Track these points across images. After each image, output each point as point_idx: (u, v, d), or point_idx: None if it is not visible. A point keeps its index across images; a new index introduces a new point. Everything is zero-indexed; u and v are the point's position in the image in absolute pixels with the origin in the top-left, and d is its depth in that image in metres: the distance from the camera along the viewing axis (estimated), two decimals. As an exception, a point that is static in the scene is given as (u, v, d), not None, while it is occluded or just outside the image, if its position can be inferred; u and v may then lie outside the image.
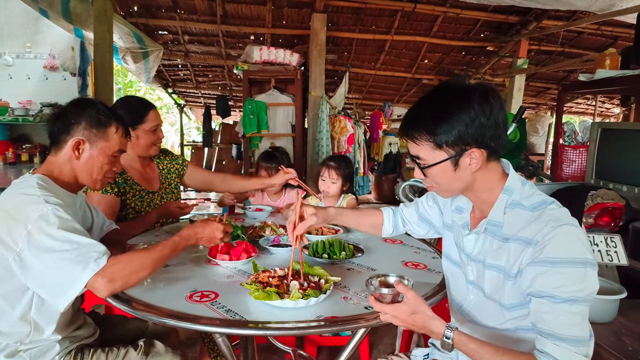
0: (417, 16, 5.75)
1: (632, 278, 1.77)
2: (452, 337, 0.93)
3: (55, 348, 1.21)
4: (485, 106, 0.93)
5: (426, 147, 0.98)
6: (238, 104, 9.03)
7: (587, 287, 0.88)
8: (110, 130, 1.30)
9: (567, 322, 0.88)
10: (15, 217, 1.09)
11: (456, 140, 0.95)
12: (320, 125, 4.95)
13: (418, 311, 0.95)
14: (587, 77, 2.79)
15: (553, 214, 0.94)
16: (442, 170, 0.99)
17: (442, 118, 0.95)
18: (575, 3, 3.91)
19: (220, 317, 1.04)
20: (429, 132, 0.97)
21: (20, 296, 1.15)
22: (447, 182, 1.02)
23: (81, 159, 1.27)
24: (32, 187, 1.15)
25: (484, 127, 0.94)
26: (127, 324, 1.54)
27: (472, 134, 0.94)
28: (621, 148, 2.39)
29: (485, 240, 1.05)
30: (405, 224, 1.38)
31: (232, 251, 1.41)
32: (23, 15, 4.86)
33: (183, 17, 5.84)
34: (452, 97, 0.96)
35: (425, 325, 0.95)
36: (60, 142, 1.27)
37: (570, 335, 0.88)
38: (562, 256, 0.88)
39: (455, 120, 0.94)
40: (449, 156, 0.97)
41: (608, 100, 8.68)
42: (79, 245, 1.07)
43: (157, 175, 2.06)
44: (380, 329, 2.63)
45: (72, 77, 5.06)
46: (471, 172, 0.98)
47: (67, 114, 1.27)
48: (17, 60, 4.99)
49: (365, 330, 1.28)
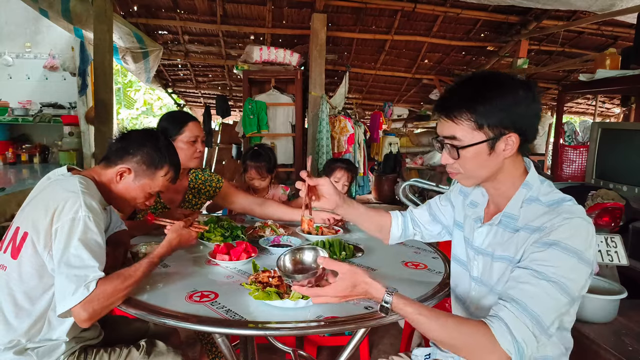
0: (417, 16, 5.74)
1: (632, 278, 1.77)
2: (391, 300, 0.91)
3: (61, 348, 1.23)
4: (528, 94, 0.94)
5: (465, 127, 0.96)
6: (238, 104, 9.02)
7: (575, 281, 0.86)
8: (159, 172, 1.35)
9: (538, 298, 0.85)
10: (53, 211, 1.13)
11: (498, 122, 0.94)
12: (320, 125, 4.95)
13: (358, 282, 0.93)
14: (587, 77, 2.79)
15: (569, 209, 0.94)
16: (477, 153, 0.97)
17: (487, 98, 0.94)
18: (575, 3, 3.91)
19: (220, 317, 1.04)
20: (472, 112, 0.94)
21: (42, 294, 1.18)
22: (476, 167, 0.99)
23: (120, 184, 1.32)
24: (75, 184, 1.18)
25: (524, 115, 0.94)
26: (128, 325, 1.54)
27: (513, 118, 0.94)
28: (621, 148, 2.39)
29: (497, 233, 1.04)
30: (416, 225, 1.34)
31: (232, 251, 1.41)
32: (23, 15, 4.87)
33: (183, 17, 5.83)
34: (497, 81, 0.96)
35: (367, 292, 0.94)
36: (111, 162, 1.33)
37: (533, 310, 0.84)
38: (564, 241, 0.87)
39: (500, 102, 0.93)
40: (487, 138, 0.95)
41: (608, 100, 8.67)
42: (83, 264, 1.09)
43: (184, 191, 2.00)
44: (380, 329, 2.63)
45: (72, 77, 5.06)
46: (503, 158, 0.97)
47: (129, 141, 1.33)
48: (17, 60, 5.00)
49: (365, 331, 1.28)
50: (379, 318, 1.05)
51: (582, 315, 1.43)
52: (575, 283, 0.87)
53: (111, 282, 1.10)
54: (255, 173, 2.40)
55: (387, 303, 0.91)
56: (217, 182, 2.06)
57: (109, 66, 4.01)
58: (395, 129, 8.57)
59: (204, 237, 1.60)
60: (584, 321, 1.43)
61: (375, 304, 0.97)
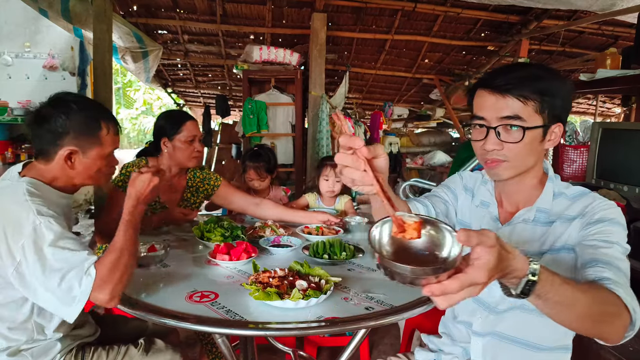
0: (417, 16, 5.74)
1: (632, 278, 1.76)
2: (538, 270, 0.64)
3: (56, 346, 1.21)
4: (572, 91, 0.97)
5: (530, 108, 0.92)
6: (238, 104, 9.01)
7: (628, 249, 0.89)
8: (101, 133, 1.23)
9: (619, 258, 0.84)
10: (8, 228, 1.05)
11: (555, 109, 0.94)
12: (320, 125, 4.94)
13: (503, 252, 0.60)
14: (588, 76, 2.79)
15: (596, 196, 0.97)
16: (533, 138, 0.93)
17: (553, 82, 0.93)
18: (575, 3, 3.90)
19: (220, 318, 1.03)
20: (540, 93, 0.91)
21: (21, 305, 1.15)
22: (526, 154, 0.94)
23: (75, 168, 1.21)
24: (23, 194, 1.09)
25: (569, 109, 0.97)
26: (127, 324, 1.54)
27: (565, 109, 0.95)
28: (622, 148, 2.38)
29: (523, 231, 1.00)
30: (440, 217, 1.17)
31: (232, 251, 1.41)
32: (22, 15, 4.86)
33: (183, 16, 5.83)
34: (556, 71, 0.97)
35: (509, 265, 0.62)
36: (50, 153, 1.18)
37: (623, 268, 0.83)
38: (614, 218, 0.91)
39: (559, 89, 0.94)
40: (544, 124, 0.93)
41: (609, 100, 8.67)
42: (70, 262, 1.04)
43: (182, 190, 2.01)
44: (380, 329, 2.62)
45: (71, 77, 5.06)
46: (549, 147, 0.98)
47: (51, 121, 1.17)
48: (16, 59, 4.99)
49: (366, 331, 1.27)
50: (380, 319, 1.05)
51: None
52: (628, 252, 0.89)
53: (106, 258, 1.07)
54: (254, 174, 2.40)
55: (534, 275, 0.64)
56: (216, 181, 2.06)
57: (108, 66, 4.01)
58: (395, 129, 8.57)
59: (204, 237, 1.60)
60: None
61: None
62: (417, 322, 1.81)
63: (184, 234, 1.80)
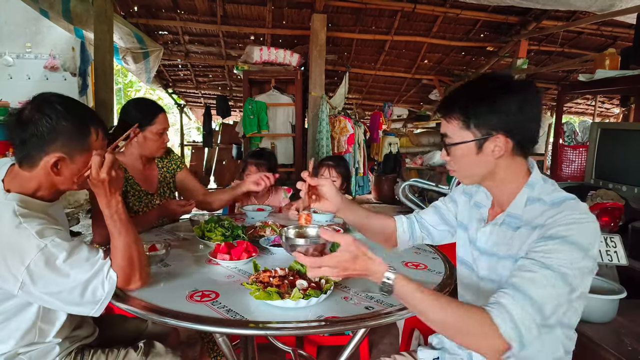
0: (417, 16, 5.75)
1: (632, 278, 1.77)
2: (394, 277, 0.88)
3: (55, 350, 1.20)
4: (525, 98, 0.95)
5: (454, 126, 1.01)
6: (238, 104, 9.02)
7: (577, 275, 0.85)
8: (90, 139, 1.14)
9: (539, 284, 0.84)
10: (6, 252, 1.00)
11: (485, 123, 0.97)
12: (320, 125, 4.95)
13: (359, 255, 0.89)
14: (586, 77, 2.80)
15: (573, 205, 0.93)
16: (465, 151, 1.01)
17: (477, 100, 0.98)
18: (575, 3, 3.92)
19: (221, 317, 1.04)
20: (461, 112, 0.99)
21: (26, 310, 1.12)
22: (467, 166, 1.03)
23: (62, 174, 1.12)
24: (15, 217, 1.03)
25: (517, 118, 0.95)
26: (126, 324, 1.53)
27: (503, 121, 0.96)
28: (621, 148, 2.39)
29: (500, 232, 1.05)
30: (424, 228, 1.32)
31: (232, 251, 1.41)
32: (23, 16, 4.87)
33: (183, 17, 5.84)
34: (493, 84, 0.98)
35: (367, 268, 0.90)
36: (34, 159, 1.09)
37: (535, 296, 0.83)
38: (570, 236, 0.86)
39: (489, 104, 0.96)
40: (475, 138, 0.98)
41: (608, 100, 8.69)
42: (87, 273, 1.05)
43: (157, 175, 2.07)
44: (380, 329, 2.63)
45: (72, 77, 5.07)
46: (494, 158, 0.99)
47: (37, 125, 1.07)
48: (17, 60, 5.00)
49: (366, 331, 1.28)
50: (379, 318, 1.06)
51: (582, 315, 1.43)
52: (578, 277, 0.86)
53: (117, 259, 1.11)
54: (255, 169, 2.38)
55: (389, 279, 0.88)
56: (180, 162, 2.17)
57: (109, 66, 4.02)
58: (395, 129, 8.58)
59: (205, 237, 1.61)
60: (583, 321, 1.43)
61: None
62: (417, 322, 1.82)
63: (185, 233, 1.81)
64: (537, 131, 1.00)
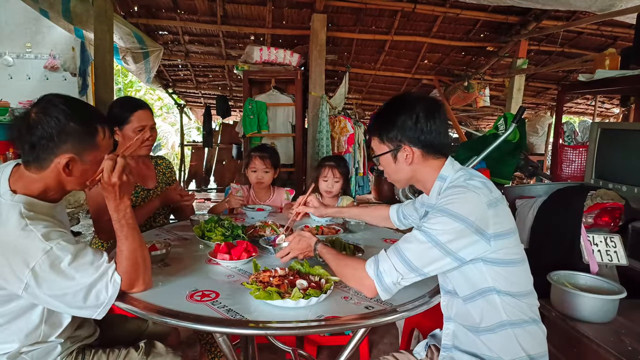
0: (417, 16, 5.75)
1: (632, 278, 1.77)
2: (318, 246, 1.31)
3: (57, 349, 1.20)
4: (425, 114, 1.15)
5: (375, 141, 1.26)
6: (238, 104, 9.02)
7: (454, 241, 1.03)
8: (98, 138, 1.16)
9: (410, 244, 1.07)
10: (10, 254, 1.01)
11: (393, 137, 1.19)
12: (320, 125, 4.95)
13: (300, 237, 1.36)
14: (586, 77, 2.79)
15: (462, 184, 1.11)
16: (386, 161, 1.24)
17: (385, 119, 1.21)
18: (575, 3, 3.92)
19: (221, 317, 1.04)
20: (376, 129, 1.24)
21: (30, 312, 1.13)
22: (392, 172, 1.26)
23: (73, 175, 1.13)
24: (21, 219, 1.04)
25: (420, 132, 1.16)
26: (126, 324, 1.54)
27: (406, 135, 1.17)
28: (621, 148, 2.39)
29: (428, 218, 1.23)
30: (406, 217, 1.62)
31: (232, 251, 1.42)
32: (23, 16, 4.88)
33: (183, 17, 5.84)
34: (397, 105, 1.21)
35: (308, 242, 1.34)
36: (44, 161, 1.10)
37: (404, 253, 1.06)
38: (452, 209, 1.05)
39: (394, 122, 1.18)
40: (389, 150, 1.22)
41: (608, 100, 8.68)
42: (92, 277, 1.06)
43: (154, 172, 2.07)
44: (380, 328, 2.63)
45: (72, 77, 5.07)
46: (407, 165, 1.20)
47: (45, 127, 1.08)
48: (17, 60, 5.01)
49: (365, 330, 1.28)
50: (379, 318, 1.06)
51: (582, 315, 1.44)
52: (455, 242, 1.03)
53: (122, 264, 1.12)
54: (259, 162, 2.37)
55: (315, 248, 1.31)
56: (172, 177, 2.17)
57: (109, 66, 4.02)
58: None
59: (205, 237, 1.61)
60: (583, 321, 1.44)
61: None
62: (417, 321, 1.82)
63: (185, 233, 1.81)
64: (443, 136, 1.18)
